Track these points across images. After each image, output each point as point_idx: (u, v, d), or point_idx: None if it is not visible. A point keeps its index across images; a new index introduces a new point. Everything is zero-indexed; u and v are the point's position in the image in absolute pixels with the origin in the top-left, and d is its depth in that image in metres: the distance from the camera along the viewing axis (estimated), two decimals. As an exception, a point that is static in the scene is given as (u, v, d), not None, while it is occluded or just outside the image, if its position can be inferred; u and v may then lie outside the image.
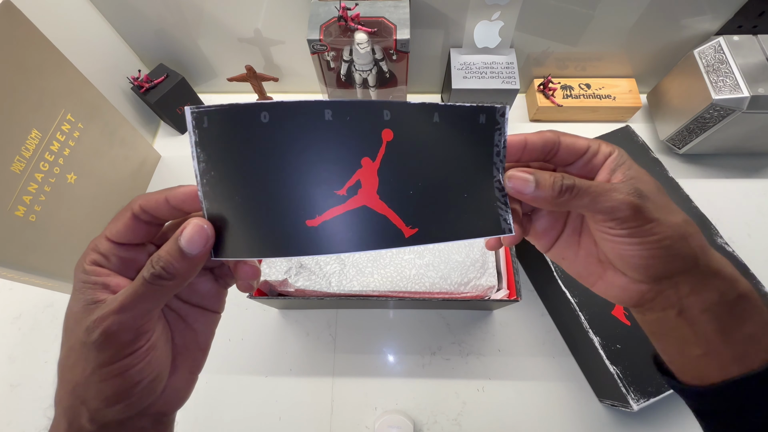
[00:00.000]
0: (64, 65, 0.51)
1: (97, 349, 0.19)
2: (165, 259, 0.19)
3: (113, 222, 0.22)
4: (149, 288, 0.19)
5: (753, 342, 0.23)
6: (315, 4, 0.59)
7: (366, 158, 0.20)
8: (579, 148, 0.24)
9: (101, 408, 0.20)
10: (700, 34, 0.65)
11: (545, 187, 0.23)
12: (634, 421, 0.51)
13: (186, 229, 0.19)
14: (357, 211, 0.20)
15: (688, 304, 0.24)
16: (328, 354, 0.57)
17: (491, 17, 0.61)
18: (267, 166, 0.19)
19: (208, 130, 0.19)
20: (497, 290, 0.51)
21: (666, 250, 0.23)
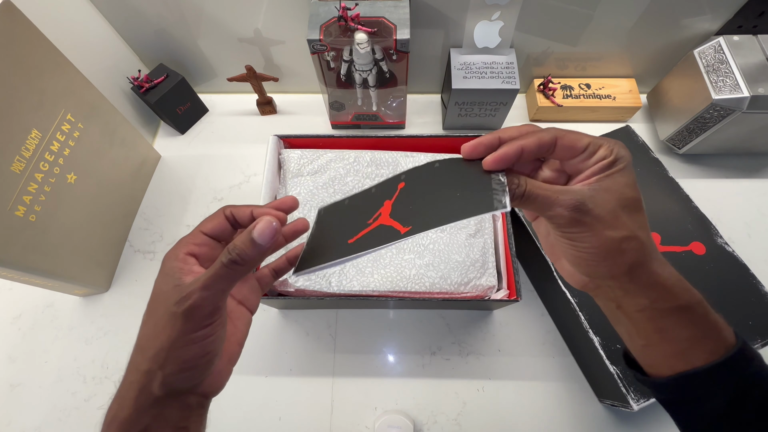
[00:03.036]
0: (64, 65, 0.51)
1: (184, 318, 0.24)
2: (239, 247, 0.24)
3: (207, 221, 0.28)
4: (225, 271, 0.24)
5: (694, 343, 0.25)
6: (315, 4, 0.59)
7: (387, 200, 0.30)
8: (578, 148, 0.26)
9: (174, 373, 0.24)
10: (700, 34, 0.65)
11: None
12: (634, 421, 0.51)
13: (259, 224, 0.24)
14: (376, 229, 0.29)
15: (624, 303, 0.27)
16: (328, 354, 0.57)
17: (491, 17, 0.61)
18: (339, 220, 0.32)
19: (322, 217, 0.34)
20: (497, 290, 0.51)
21: (594, 257, 0.25)
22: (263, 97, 0.75)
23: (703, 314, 0.25)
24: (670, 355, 0.26)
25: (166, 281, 0.25)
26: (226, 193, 0.69)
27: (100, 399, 0.55)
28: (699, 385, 0.25)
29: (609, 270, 0.26)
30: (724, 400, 0.25)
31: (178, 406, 0.26)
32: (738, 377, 0.25)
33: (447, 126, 0.75)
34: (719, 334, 0.25)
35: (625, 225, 0.24)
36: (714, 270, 0.52)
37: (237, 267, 0.24)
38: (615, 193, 0.24)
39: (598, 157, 0.25)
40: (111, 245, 0.63)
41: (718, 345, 0.25)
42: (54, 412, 0.54)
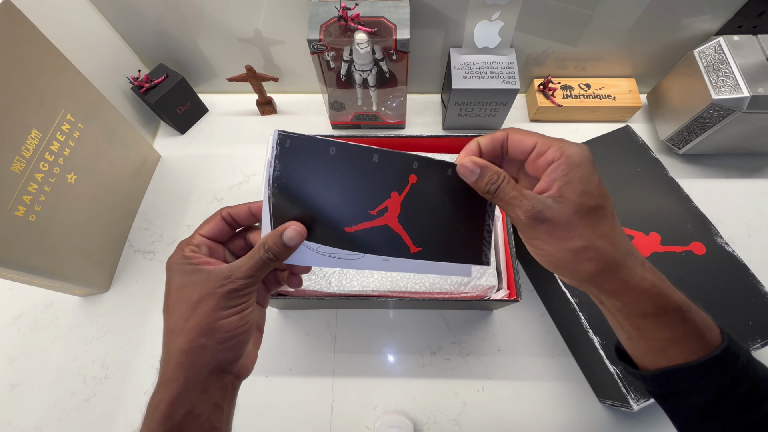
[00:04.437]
0: (64, 65, 0.51)
1: (226, 297, 0.27)
2: (273, 248, 0.27)
3: (204, 224, 0.30)
4: (263, 263, 0.27)
5: (674, 344, 0.26)
6: (315, 4, 0.59)
7: (394, 192, 0.28)
8: (524, 147, 0.27)
9: (222, 341, 0.27)
10: (700, 34, 0.65)
11: (480, 183, 0.27)
12: (634, 421, 0.51)
13: (288, 230, 0.27)
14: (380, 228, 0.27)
15: (603, 301, 0.27)
16: (328, 354, 0.57)
17: (491, 17, 0.61)
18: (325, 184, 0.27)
19: (288, 150, 0.26)
20: (497, 290, 0.51)
21: (552, 264, 0.26)
22: (263, 97, 0.75)
23: (681, 319, 0.26)
24: (651, 350, 0.27)
25: (189, 273, 0.27)
26: (226, 193, 0.69)
27: (100, 399, 0.55)
28: (681, 380, 0.26)
29: (571, 277, 0.26)
30: (709, 395, 0.25)
31: (219, 385, 0.28)
32: (722, 374, 0.25)
33: (447, 126, 0.75)
34: (700, 337, 0.26)
35: (581, 235, 0.24)
36: (714, 270, 0.52)
37: (270, 262, 0.27)
38: (572, 204, 0.24)
39: (547, 159, 0.26)
40: (111, 245, 0.63)
41: (698, 346, 0.25)
42: (54, 412, 0.54)
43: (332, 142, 0.26)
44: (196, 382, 0.26)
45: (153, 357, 0.57)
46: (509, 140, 0.27)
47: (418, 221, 0.28)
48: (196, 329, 0.26)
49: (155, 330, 0.59)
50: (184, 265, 0.28)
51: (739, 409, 0.25)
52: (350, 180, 0.27)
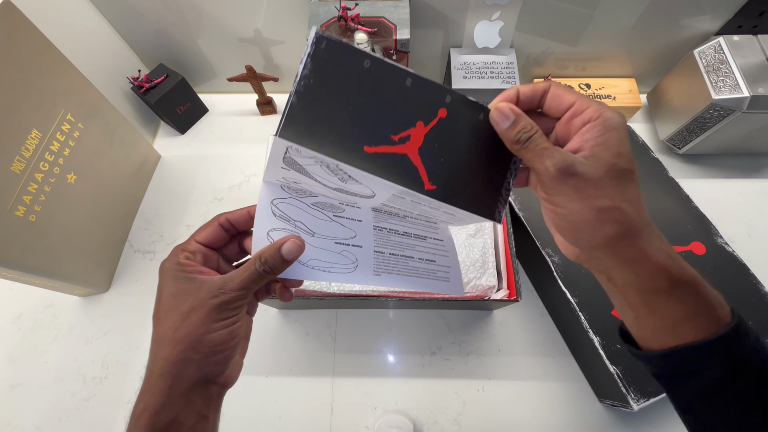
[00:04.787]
0: (64, 65, 0.51)
1: (218, 310, 0.26)
2: (270, 261, 0.27)
3: (201, 230, 0.30)
4: (258, 276, 0.27)
5: (684, 320, 0.25)
6: (315, 4, 0.59)
7: (420, 122, 0.26)
8: (562, 103, 0.26)
9: (209, 356, 0.26)
10: (700, 34, 0.65)
11: (512, 131, 0.26)
12: (634, 421, 0.51)
13: (287, 243, 0.28)
14: (399, 156, 0.26)
15: (613, 276, 0.26)
16: (328, 354, 0.57)
17: (491, 17, 0.61)
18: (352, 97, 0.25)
19: (323, 51, 0.24)
20: (497, 290, 0.51)
21: (572, 224, 0.25)
22: (263, 97, 0.75)
23: (694, 293, 0.25)
24: (659, 329, 0.26)
25: (181, 281, 0.27)
26: (226, 193, 0.69)
27: (100, 399, 0.55)
28: (688, 361, 0.25)
29: (589, 240, 0.25)
30: (716, 376, 0.24)
31: (203, 395, 0.27)
32: (730, 355, 0.24)
33: (447, 126, 0.75)
34: (712, 313, 0.25)
35: (609, 195, 0.24)
36: (714, 270, 0.52)
37: (266, 274, 0.27)
38: (605, 164, 0.24)
39: (584, 118, 0.25)
40: (111, 245, 0.63)
41: (709, 323, 0.24)
42: (54, 412, 0.54)
43: (368, 55, 0.25)
44: (180, 393, 0.26)
45: (153, 357, 0.57)
46: (553, 91, 0.26)
47: (438, 158, 0.27)
48: (185, 341, 0.26)
49: (155, 330, 0.59)
50: (177, 272, 0.28)
51: (745, 392, 0.24)
52: (378, 99, 0.25)
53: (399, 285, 0.33)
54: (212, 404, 0.28)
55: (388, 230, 0.34)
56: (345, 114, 0.25)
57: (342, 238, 0.32)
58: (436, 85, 0.27)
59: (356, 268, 0.32)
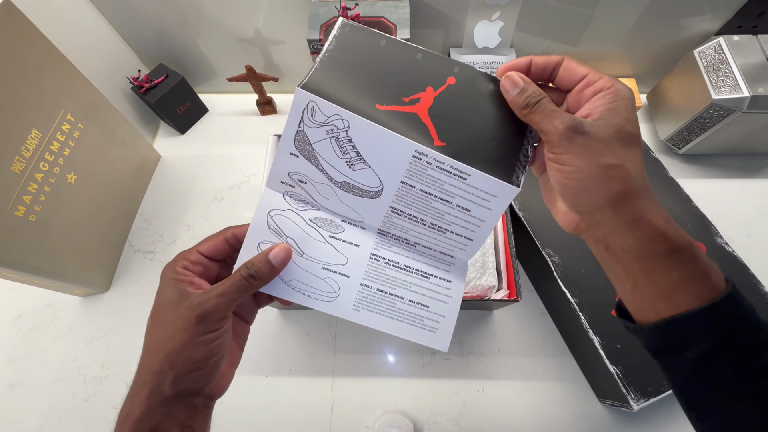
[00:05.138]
0: (64, 65, 0.51)
1: (197, 321, 0.26)
2: (257, 266, 0.27)
3: (206, 241, 0.30)
4: (243, 283, 0.27)
5: (680, 286, 0.25)
6: (315, 4, 0.59)
7: (430, 87, 0.29)
8: (576, 74, 0.27)
9: (184, 373, 0.26)
10: (700, 34, 0.65)
11: (521, 97, 0.27)
12: (634, 421, 0.51)
13: (275, 249, 0.28)
14: (409, 114, 0.28)
15: (612, 242, 0.26)
16: (328, 354, 0.57)
17: (491, 17, 0.61)
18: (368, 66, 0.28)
19: (347, 34, 0.29)
20: (497, 290, 0.51)
21: (576, 182, 0.25)
22: (263, 97, 0.75)
23: (690, 257, 0.25)
24: (656, 298, 0.26)
25: (170, 290, 0.27)
26: (226, 193, 0.69)
27: (100, 399, 0.55)
28: (684, 330, 0.25)
29: (593, 198, 0.25)
30: (708, 346, 0.24)
31: (186, 407, 0.27)
32: (725, 322, 0.24)
33: (447, 126, 0.75)
34: (707, 279, 0.25)
35: (616, 154, 0.25)
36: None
37: (253, 282, 0.27)
38: (613, 126, 0.25)
39: (595, 88, 0.26)
40: (111, 245, 0.63)
41: (705, 289, 0.25)
42: (54, 412, 0.54)
43: (384, 36, 0.29)
44: (158, 404, 0.26)
45: (153, 357, 0.57)
46: (566, 63, 0.28)
47: (447, 118, 0.28)
48: (163, 354, 0.26)
49: (155, 330, 0.59)
50: (171, 279, 0.28)
51: (737, 360, 0.24)
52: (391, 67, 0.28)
53: (377, 325, 0.32)
54: (198, 415, 0.28)
55: (386, 261, 0.32)
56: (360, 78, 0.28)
57: (330, 263, 0.31)
58: (445, 58, 0.29)
59: (336, 298, 0.31)
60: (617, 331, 0.47)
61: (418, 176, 0.29)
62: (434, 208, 0.30)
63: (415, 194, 0.30)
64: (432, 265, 0.33)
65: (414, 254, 0.33)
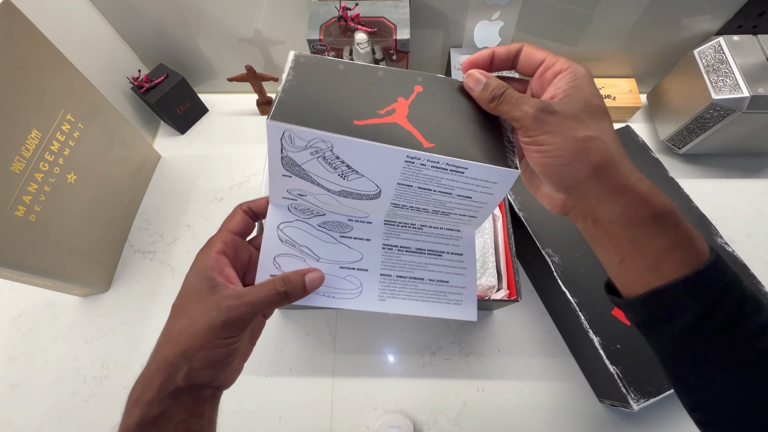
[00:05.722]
0: (64, 65, 0.51)
1: (222, 326, 0.26)
2: (294, 285, 0.28)
3: (229, 219, 0.31)
4: (275, 297, 0.27)
5: (667, 253, 0.25)
6: (315, 4, 0.59)
7: (401, 98, 0.29)
8: (535, 59, 0.28)
9: (199, 369, 0.27)
10: (700, 34, 0.65)
11: (486, 91, 0.28)
12: (634, 421, 0.51)
13: (312, 274, 0.29)
14: (389, 125, 0.27)
15: (599, 215, 0.26)
16: (328, 354, 0.57)
17: (491, 17, 0.61)
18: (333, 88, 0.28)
19: (301, 65, 0.28)
20: (497, 290, 0.51)
21: (557, 159, 0.26)
22: (263, 97, 0.75)
23: (675, 223, 0.25)
24: (643, 269, 0.26)
25: (200, 280, 0.28)
26: (226, 193, 0.69)
27: (100, 399, 0.55)
28: (669, 301, 0.25)
29: (576, 172, 0.26)
30: (693, 315, 0.24)
31: (195, 396, 0.28)
32: (708, 292, 0.24)
33: (447, 126, 0.75)
34: (692, 245, 0.25)
35: (588, 126, 0.25)
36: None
37: (285, 298, 0.28)
38: (580, 100, 0.26)
39: (555, 70, 0.27)
40: (111, 245, 0.63)
41: (690, 256, 0.25)
42: (54, 412, 0.54)
43: (341, 61, 0.29)
44: (169, 392, 0.27)
45: (153, 357, 0.57)
46: (525, 50, 0.29)
47: (428, 121, 0.28)
48: (182, 347, 0.26)
49: (155, 330, 0.58)
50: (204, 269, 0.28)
51: (720, 330, 0.24)
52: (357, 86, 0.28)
53: (404, 310, 0.32)
54: (206, 404, 0.29)
55: (398, 248, 0.33)
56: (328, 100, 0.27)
57: (347, 261, 0.32)
58: (406, 71, 0.30)
59: (361, 293, 0.32)
60: (617, 331, 0.47)
61: (414, 177, 0.29)
62: (435, 200, 0.31)
63: (413, 192, 0.30)
64: (441, 243, 0.34)
65: (422, 236, 0.34)
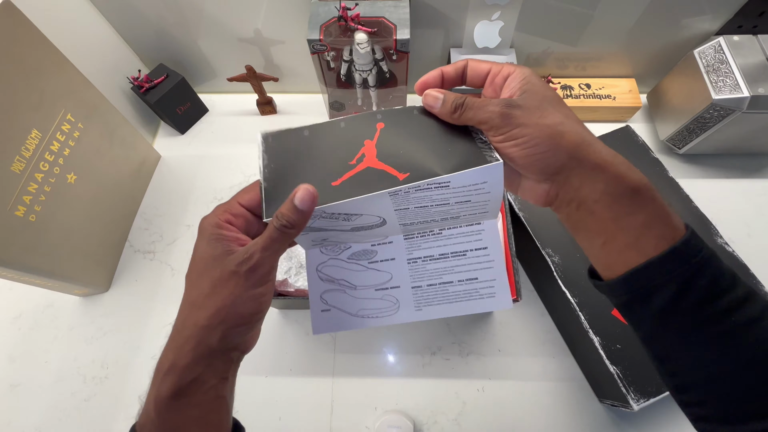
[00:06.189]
0: (64, 65, 0.51)
1: (246, 277, 0.26)
2: (286, 215, 0.27)
3: (243, 192, 0.30)
4: (279, 234, 0.27)
5: (646, 229, 0.26)
6: (315, 4, 0.59)
7: (366, 140, 0.30)
8: (481, 71, 0.30)
9: (233, 327, 0.27)
10: (700, 34, 0.65)
11: (447, 104, 0.29)
12: (634, 421, 0.51)
13: (298, 193, 0.27)
14: (364, 172, 0.29)
15: (583, 197, 0.27)
16: (328, 354, 0.57)
17: (491, 17, 0.61)
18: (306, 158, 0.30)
19: (271, 144, 0.30)
20: (497, 290, 0.51)
21: (536, 148, 0.26)
22: (263, 97, 0.75)
23: (651, 197, 0.26)
24: (625, 247, 0.27)
25: (214, 246, 0.27)
26: (226, 192, 0.69)
27: (100, 399, 0.55)
28: (647, 279, 0.26)
29: (557, 156, 0.27)
30: (669, 293, 0.25)
31: (225, 360, 0.28)
32: (684, 268, 0.25)
33: (447, 126, 0.75)
34: (668, 220, 0.26)
35: (555, 114, 0.27)
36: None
37: (287, 230, 0.27)
38: (537, 93, 0.27)
39: (503, 74, 0.29)
40: (111, 245, 0.63)
41: (668, 230, 0.26)
42: (54, 412, 0.54)
43: (305, 126, 0.31)
44: (203, 356, 0.27)
45: (153, 357, 0.57)
46: (470, 65, 0.31)
47: (397, 153, 0.29)
48: (214, 309, 0.26)
49: (155, 330, 0.59)
50: (213, 235, 0.27)
51: (698, 303, 0.25)
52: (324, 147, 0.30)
53: (441, 314, 0.34)
54: (232, 367, 0.29)
55: (422, 259, 0.35)
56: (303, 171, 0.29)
57: (380, 283, 0.35)
58: (364, 114, 0.31)
59: (399, 308, 0.34)
60: (617, 331, 0.47)
61: (406, 202, 0.30)
62: (436, 212, 0.31)
63: (413, 212, 0.31)
64: (464, 242, 0.35)
65: (443, 240, 0.35)
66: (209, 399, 0.28)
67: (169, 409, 0.26)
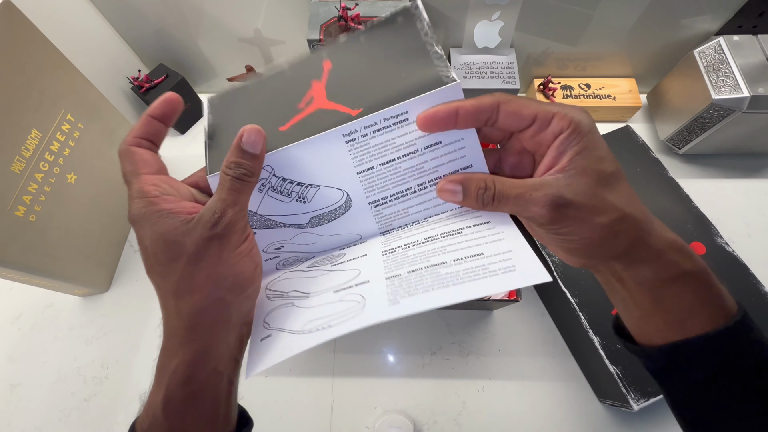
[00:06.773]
0: (64, 65, 0.51)
1: (225, 237, 0.23)
2: (236, 161, 0.24)
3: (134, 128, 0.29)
4: (238, 184, 0.24)
5: (692, 313, 0.24)
6: (315, 4, 0.59)
7: (314, 80, 0.28)
8: (524, 117, 0.24)
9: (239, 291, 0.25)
10: (700, 34, 0.65)
11: (470, 198, 0.25)
12: (634, 421, 0.51)
13: (245, 134, 0.24)
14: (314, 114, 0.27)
15: (625, 276, 0.25)
16: (328, 354, 0.57)
17: (491, 17, 0.61)
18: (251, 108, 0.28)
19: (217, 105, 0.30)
20: (497, 290, 0.51)
21: (588, 247, 0.24)
22: (263, 97, 0.75)
23: (705, 282, 0.24)
24: (665, 326, 0.25)
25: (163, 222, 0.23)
26: (226, 193, 0.69)
27: (100, 399, 0.55)
28: (692, 354, 0.24)
29: (606, 254, 0.24)
30: (715, 366, 0.24)
31: (237, 338, 0.26)
32: (732, 345, 0.24)
33: (447, 126, 0.75)
34: (720, 302, 0.24)
35: (613, 206, 0.23)
36: (714, 270, 0.51)
37: (245, 178, 0.25)
38: (592, 174, 0.22)
39: (553, 130, 0.23)
40: (111, 245, 0.63)
41: (718, 313, 0.24)
42: (54, 412, 0.54)
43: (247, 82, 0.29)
44: (219, 341, 0.24)
45: (153, 357, 0.57)
46: (501, 111, 0.24)
47: (348, 89, 0.26)
48: (209, 283, 0.23)
49: (155, 330, 0.59)
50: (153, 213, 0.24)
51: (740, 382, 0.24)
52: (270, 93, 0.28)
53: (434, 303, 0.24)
54: (243, 346, 0.27)
55: (402, 247, 0.28)
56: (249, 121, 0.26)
57: (342, 283, 0.28)
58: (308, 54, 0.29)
59: (364, 306, 0.26)
60: (617, 331, 0.47)
61: (368, 155, 0.26)
62: (408, 169, 0.27)
63: (380, 174, 0.27)
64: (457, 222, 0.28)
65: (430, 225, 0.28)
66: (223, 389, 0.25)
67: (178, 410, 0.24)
